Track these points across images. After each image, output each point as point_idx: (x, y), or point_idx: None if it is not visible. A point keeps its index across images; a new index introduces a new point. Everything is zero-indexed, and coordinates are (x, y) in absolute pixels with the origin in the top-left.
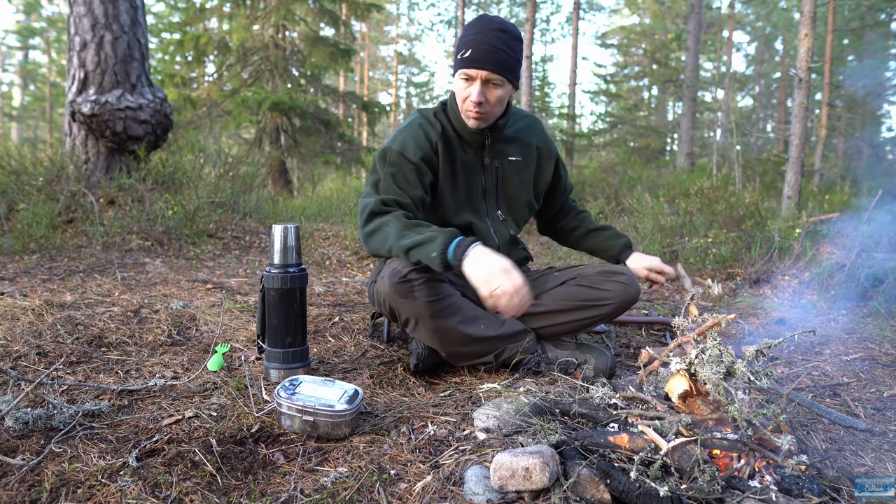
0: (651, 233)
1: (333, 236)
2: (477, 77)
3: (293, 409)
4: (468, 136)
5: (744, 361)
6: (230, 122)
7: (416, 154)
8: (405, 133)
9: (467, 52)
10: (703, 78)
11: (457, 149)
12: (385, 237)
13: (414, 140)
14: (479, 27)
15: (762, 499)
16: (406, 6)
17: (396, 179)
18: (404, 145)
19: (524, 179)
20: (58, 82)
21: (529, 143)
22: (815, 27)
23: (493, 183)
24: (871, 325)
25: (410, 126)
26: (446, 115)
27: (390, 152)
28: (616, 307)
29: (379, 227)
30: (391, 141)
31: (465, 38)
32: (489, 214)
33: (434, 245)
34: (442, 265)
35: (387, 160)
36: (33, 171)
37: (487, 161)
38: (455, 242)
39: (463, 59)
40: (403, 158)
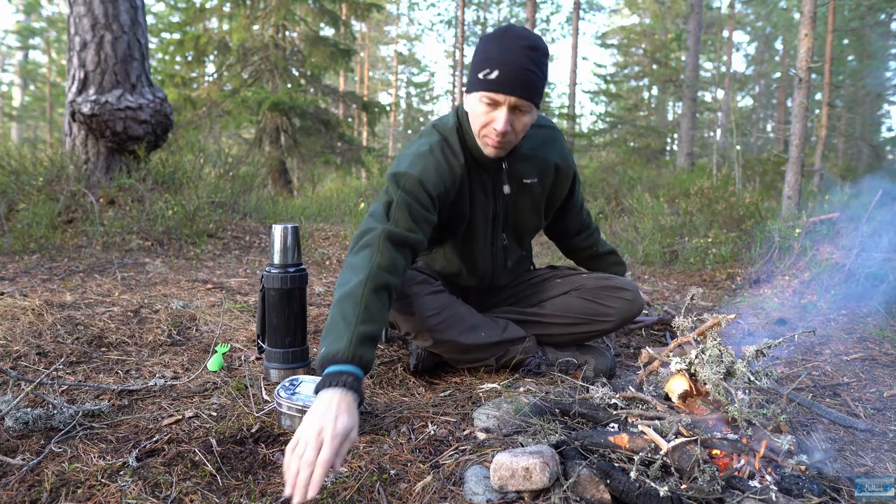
0: (651, 233)
1: (333, 236)
2: (504, 103)
3: (293, 409)
4: (484, 161)
5: (744, 361)
6: (230, 122)
7: (437, 188)
8: (427, 160)
9: (493, 74)
10: (703, 78)
11: (474, 176)
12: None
13: (437, 171)
14: (507, 43)
15: (762, 499)
16: (406, 6)
17: (411, 210)
18: (424, 174)
19: (536, 202)
20: (58, 82)
21: (547, 161)
22: (815, 27)
23: (503, 209)
24: (871, 325)
25: (433, 153)
26: (465, 136)
27: (408, 178)
28: (619, 323)
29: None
30: (410, 164)
31: (489, 56)
32: (493, 241)
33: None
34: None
35: (402, 185)
36: (33, 171)
37: (506, 188)
38: (330, 370)
39: (487, 81)
40: (421, 189)
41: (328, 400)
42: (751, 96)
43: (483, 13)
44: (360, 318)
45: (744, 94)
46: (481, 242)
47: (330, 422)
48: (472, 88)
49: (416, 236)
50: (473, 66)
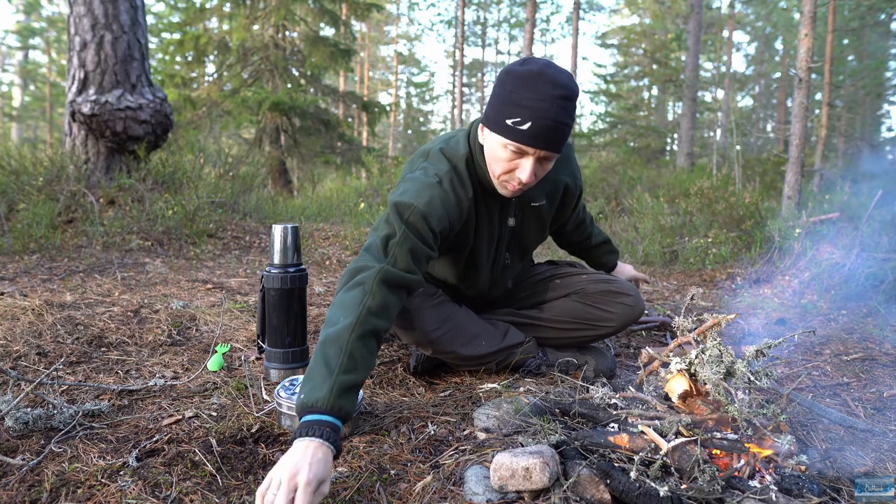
0: (651, 233)
1: (333, 236)
2: (532, 155)
3: (293, 409)
4: (495, 192)
5: (744, 361)
6: (230, 122)
7: (441, 223)
8: (434, 192)
9: (524, 125)
10: (703, 78)
11: (482, 206)
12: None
13: (443, 205)
14: (541, 92)
15: (762, 499)
16: (406, 6)
17: (413, 249)
18: (430, 208)
19: (543, 223)
20: (58, 82)
21: (557, 181)
22: (815, 27)
23: (508, 234)
24: (871, 325)
25: (441, 184)
26: (475, 166)
27: (412, 211)
28: (619, 327)
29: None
30: (416, 195)
31: (522, 104)
32: (496, 261)
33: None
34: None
35: (405, 218)
36: (33, 171)
37: (510, 220)
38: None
39: (516, 131)
40: (426, 224)
41: (304, 448)
42: (751, 96)
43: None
44: (342, 366)
45: (744, 94)
46: (484, 264)
47: (305, 467)
48: (495, 129)
49: (415, 277)
50: (500, 106)
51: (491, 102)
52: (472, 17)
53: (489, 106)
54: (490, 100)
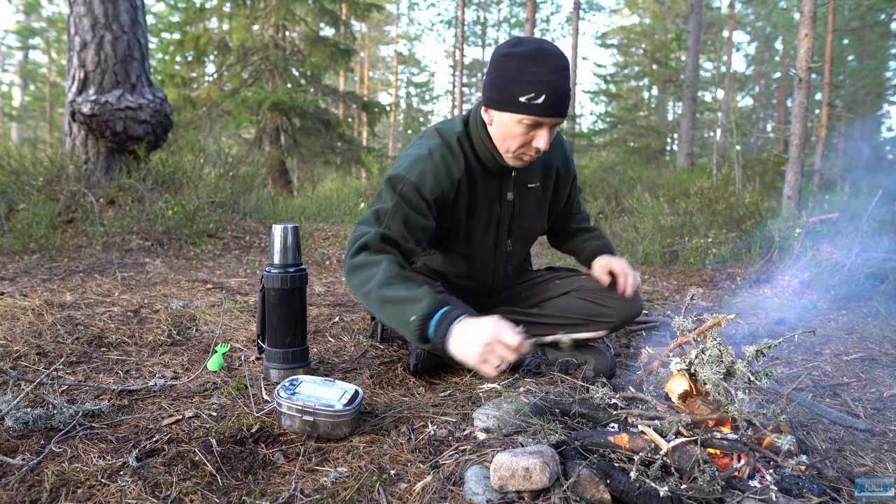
0: (651, 233)
1: (333, 236)
2: (547, 125)
3: (293, 409)
4: (493, 169)
5: (744, 361)
6: (230, 122)
7: (433, 192)
8: (425, 163)
9: (539, 98)
10: (703, 78)
11: (479, 182)
12: (369, 277)
13: (434, 175)
14: (548, 65)
15: (762, 499)
16: (406, 6)
17: (406, 218)
18: (422, 179)
19: (541, 207)
20: (58, 82)
21: (549, 165)
22: (815, 27)
23: (508, 214)
24: (871, 325)
25: (431, 156)
26: (470, 143)
27: (404, 183)
28: (618, 324)
29: (366, 265)
30: (408, 168)
31: (533, 79)
32: (497, 246)
33: (416, 307)
34: (418, 335)
35: (398, 190)
36: (33, 171)
37: (509, 195)
38: (439, 315)
39: (532, 106)
40: (418, 194)
41: (464, 328)
42: (751, 96)
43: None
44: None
45: (744, 94)
46: (483, 248)
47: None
48: (508, 108)
49: (408, 245)
50: (508, 85)
51: (494, 85)
52: (472, 17)
53: (492, 89)
54: (492, 83)
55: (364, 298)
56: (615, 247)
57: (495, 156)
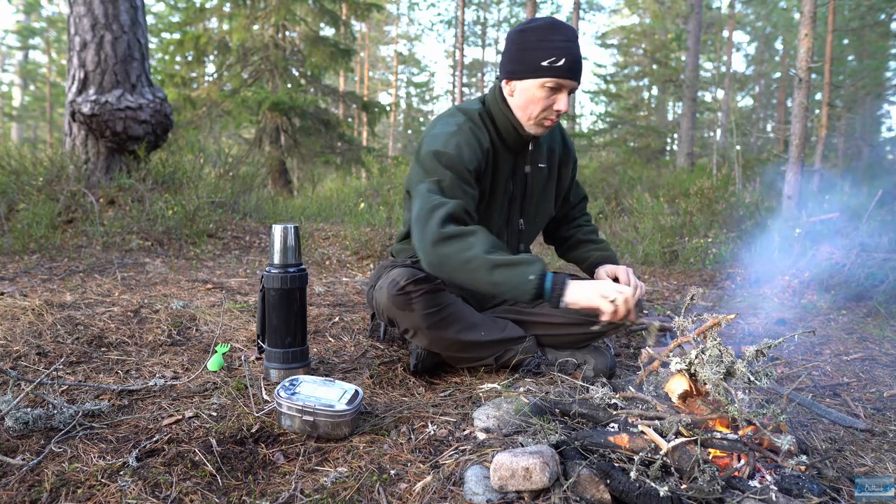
0: (651, 233)
1: (333, 236)
2: (567, 87)
3: (293, 409)
4: (512, 143)
5: (744, 361)
6: (230, 122)
7: (472, 163)
8: (458, 137)
9: (560, 62)
10: (703, 78)
11: (500, 156)
12: (469, 246)
13: (468, 146)
14: (566, 34)
15: (762, 499)
16: (406, 6)
17: (463, 186)
18: (459, 151)
19: (549, 187)
20: (58, 82)
21: (553, 148)
22: (815, 27)
23: (520, 191)
24: (871, 325)
25: (461, 130)
26: (489, 119)
27: (446, 156)
28: (619, 324)
29: (461, 234)
30: (444, 143)
31: (553, 46)
32: (509, 223)
33: (532, 268)
34: (535, 292)
35: (444, 163)
36: (33, 171)
37: (527, 169)
38: (551, 275)
39: (555, 68)
40: (462, 166)
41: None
42: (751, 96)
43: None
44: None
45: (744, 94)
46: (498, 223)
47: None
48: (531, 74)
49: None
50: (530, 53)
51: (514, 58)
52: (472, 17)
53: (513, 62)
54: (512, 57)
55: (464, 264)
56: (616, 248)
57: (516, 127)
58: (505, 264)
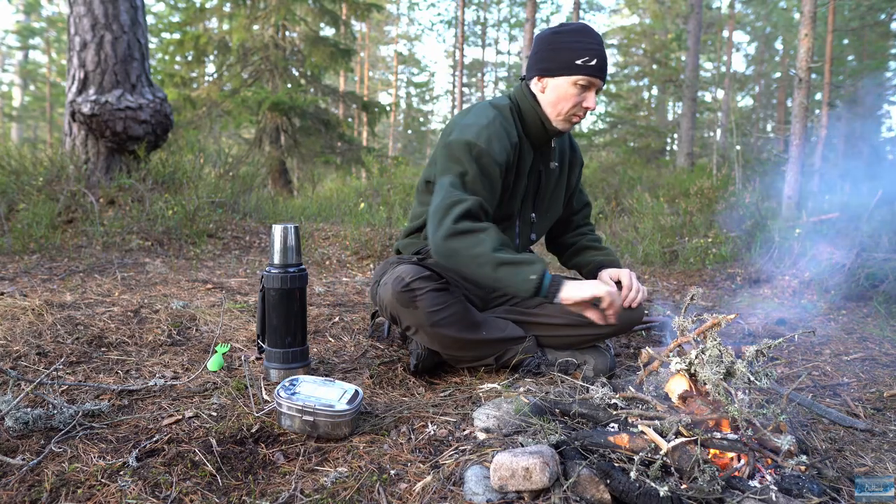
0: (651, 233)
1: (333, 236)
2: (596, 86)
3: (293, 409)
4: (537, 140)
5: (744, 361)
6: (230, 122)
7: (501, 155)
8: (489, 130)
9: (592, 61)
10: (703, 78)
11: (524, 150)
12: (479, 242)
13: (499, 140)
14: (595, 38)
15: (762, 499)
16: (406, 6)
17: (485, 182)
18: (490, 143)
19: (560, 185)
20: (58, 82)
21: (564, 149)
22: (815, 27)
23: (534, 186)
24: (871, 325)
25: (493, 123)
26: (516, 115)
27: (476, 148)
28: (618, 329)
29: (472, 230)
30: (476, 135)
31: (587, 46)
32: (522, 214)
33: (534, 268)
34: (534, 290)
35: (473, 154)
36: (33, 171)
37: (552, 165)
38: (550, 276)
39: (588, 67)
40: (491, 158)
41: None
42: (751, 96)
43: (483, 13)
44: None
45: (744, 94)
46: (511, 214)
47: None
48: (565, 72)
49: (490, 208)
50: (565, 53)
51: (548, 57)
52: (472, 17)
53: (547, 60)
54: (546, 56)
55: (473, 259)
56: (616, 249)
57: (544, 122)
58: (510, 263)
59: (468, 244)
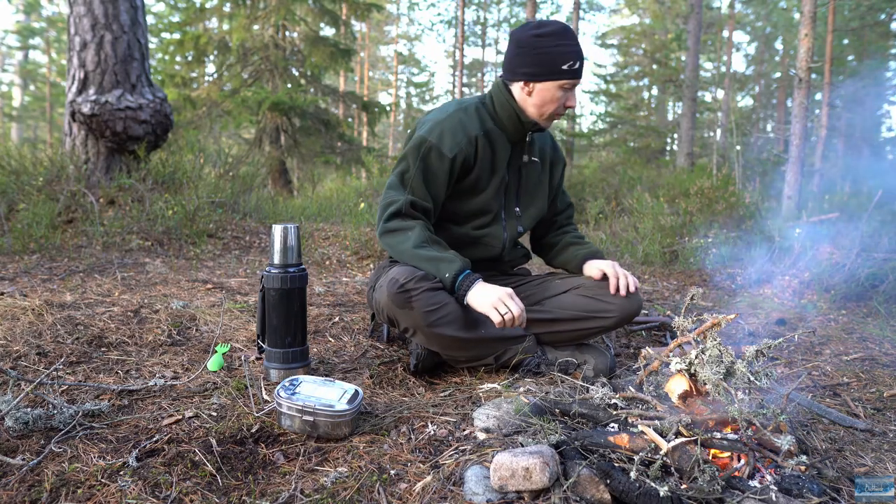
0: (651, 233)
1: (333, 236)
2: (577, 85)
3: (293, 409)
4: (513, 134)
5: (744, 361)
6: (230, 122)
7: (452, 150)
8: (444, 125)
9: (577, 64)
10: (703, 78)
11: (497, 144)
12: (403, 239)
13: (452, 134)
14: (575, 38)
15: (762, 499)
16: (406, 6)
17: (427, 177)
18: (441, 138)
19: (542, 180)
20: (58, 82)
21: (544, 148)
22: (815, 27)
23: (516, 179)
24: (871, 325)
25: (450, 118)
26: (491, 111)
27: (426, 144)
28: (618, 320)
29: (401, 229)
30: (429, 130)
31: (571, 50)
32: (506, 207)
33: (449, 267)
34: (449, 287)
35: (422, 151)
36: (33, 171)
37: (525, 159)
38: (463, 274)
39: (573, 71)
40: (439, 152)
41: (483, 286)
42: (751, 96)
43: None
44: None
45: (744, 94)
46: (496, 208)
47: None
48: (552, 77)
49: (428, 204)
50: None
51: (533, 62)
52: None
53: (532, 65)
54: (530, 61)
55: (399, 256)
56: (616, 248)
57: (520, 116)
58: (427, 259)
59: (396, 241)
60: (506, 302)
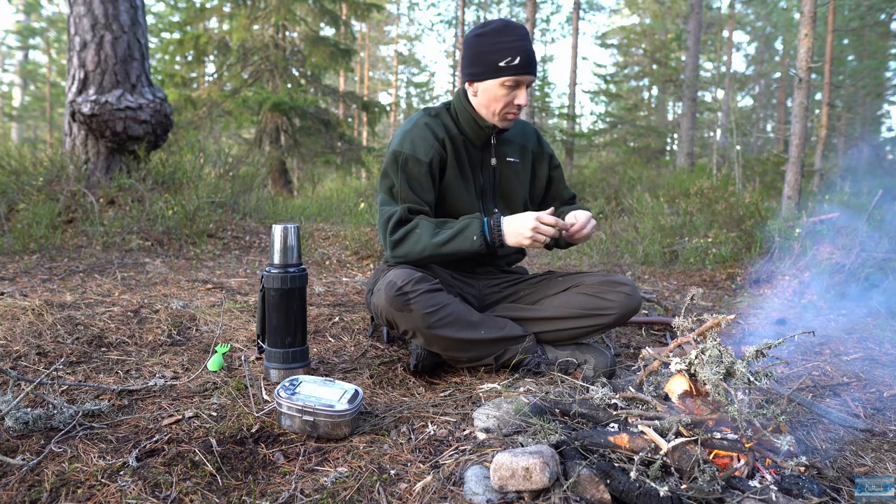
0: (651, 233)
1: (333, 236)
2: (525, 82)
3: (293, 409)
4: (474, 137)
5: (744, 362)
6: (230, 122)
7: (427, 154)
8: (412, 134)
9: (516, 60)
10: (703, 78)
11: (461, 148)
12: (417, 239)
13: (422, 140)
14: (518, 34)
15: (762, 499)
16: (406, 6)
17: (412, 185)
18: (414, 147)
19: (521, 178)
20: (58, 82)
21: (525, 146)
22: (815, 27)
23: (491, 181)
24: (871, 325)
25: (416, 126)
26: (452, 116)
27: (402, 156)
28: (618, 317)
29: (409, 232)
30: (399, 143)
31: (508, 45)
32: (484, 208)
33: (471, 230)
34: (484, 246)
35: (399, 163)
36: (33, 171)
37: (493, 161)
38: (487, 224)
39: (512, 67)
40: (416, 161)
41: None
42: (751, 96)
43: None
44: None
45: (744, 94)
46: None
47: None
48: (490, 75)
49: (423, 207)
50: (486, 56)
51: (474, 62)
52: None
53: (473, 65)
54: (472, 61)
55: (420, 255)
56: (616, 248)
57: (477, 120)
58: (450, 238)
59: (411, 245)
60: (537, 228)
